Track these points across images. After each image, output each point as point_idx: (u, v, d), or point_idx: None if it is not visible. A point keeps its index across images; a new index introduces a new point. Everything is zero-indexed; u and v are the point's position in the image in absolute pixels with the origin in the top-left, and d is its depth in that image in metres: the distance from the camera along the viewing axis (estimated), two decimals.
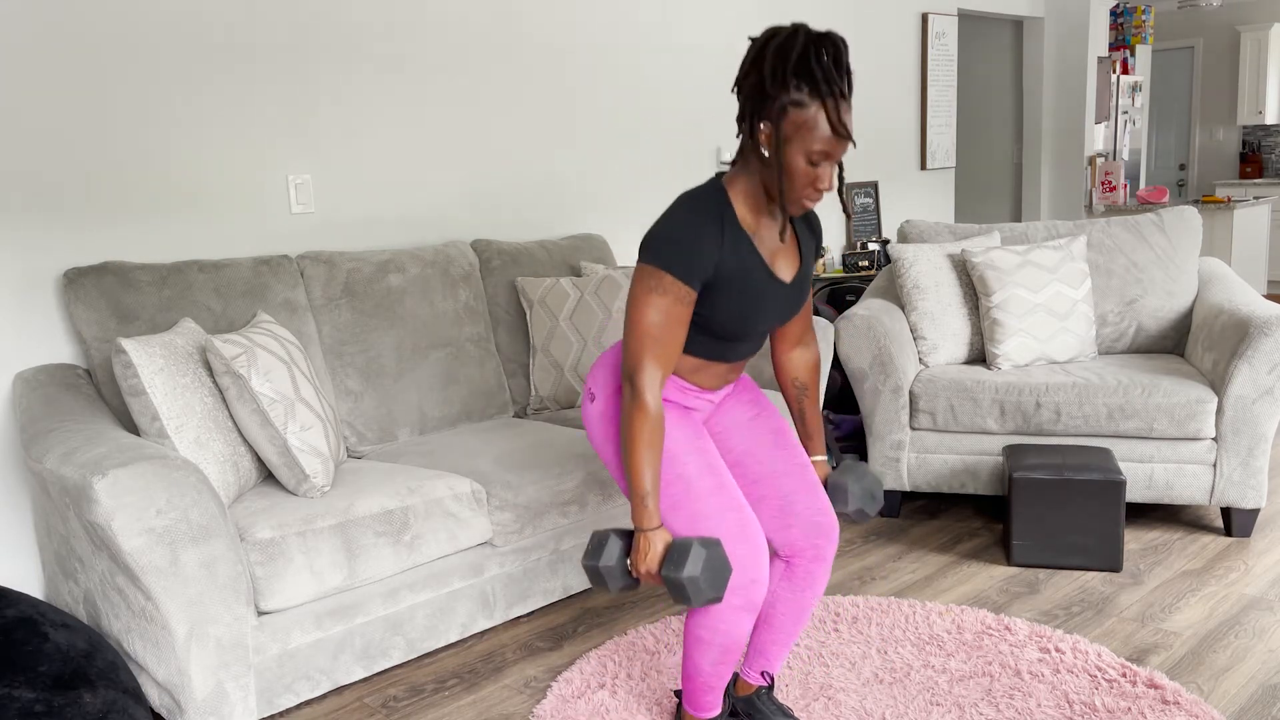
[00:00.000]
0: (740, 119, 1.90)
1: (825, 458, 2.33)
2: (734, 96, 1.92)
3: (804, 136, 1.82)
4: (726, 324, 1.98)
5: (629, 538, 1.99)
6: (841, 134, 1.82)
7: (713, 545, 1.88)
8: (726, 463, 2.19)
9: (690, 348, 2.03)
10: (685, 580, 1.84)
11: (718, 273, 1.92)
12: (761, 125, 1.85)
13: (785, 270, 2.04)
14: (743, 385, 2.25)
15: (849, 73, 1.83)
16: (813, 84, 1.79)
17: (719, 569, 1.86)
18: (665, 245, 1.88)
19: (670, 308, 1.89)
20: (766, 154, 1.86)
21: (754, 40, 1.89)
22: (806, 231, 2.11)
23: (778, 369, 2.28)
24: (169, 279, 2.90)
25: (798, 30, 1.82)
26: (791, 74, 1.79)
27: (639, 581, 1.98)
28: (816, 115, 1.80)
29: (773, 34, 1.84)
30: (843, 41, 1.83)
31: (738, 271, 1.93)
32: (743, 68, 1.88)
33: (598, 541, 1.98)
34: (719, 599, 1.88)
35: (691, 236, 1.88)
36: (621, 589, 1.97)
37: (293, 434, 2.54)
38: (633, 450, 1.91)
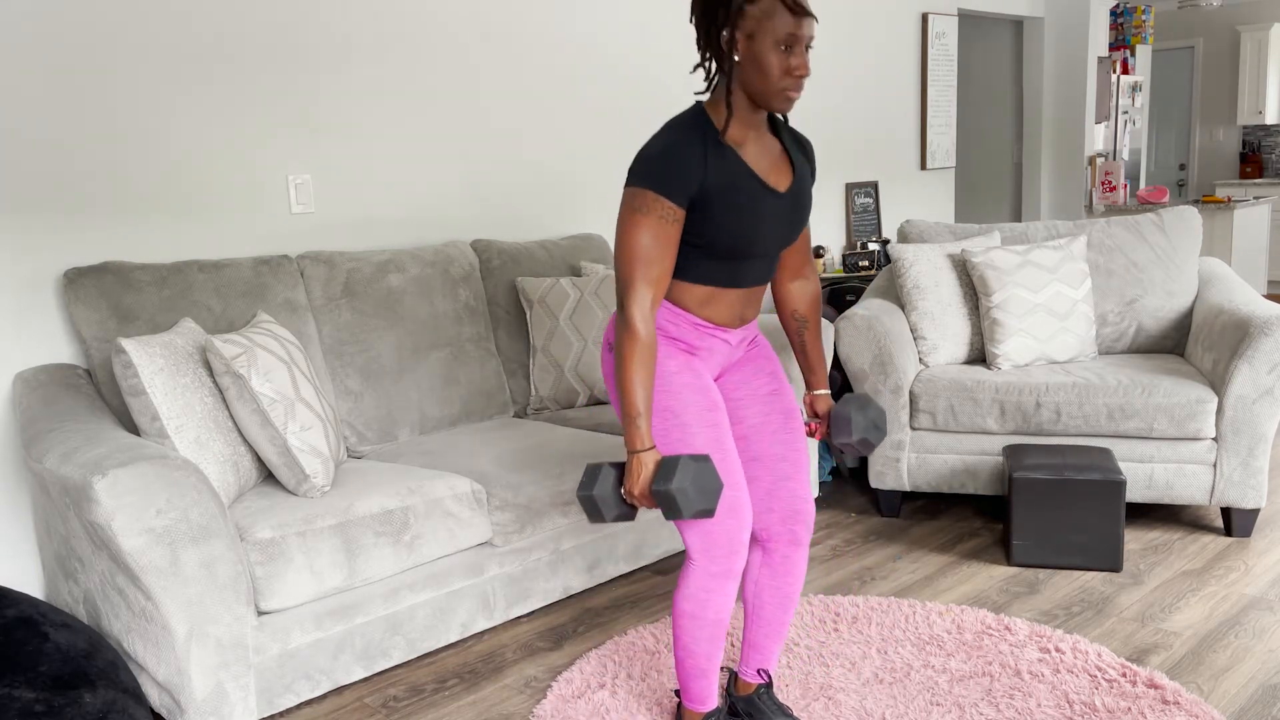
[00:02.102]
0: (702, 46, 1.95)
1: (827, 391, 2.34)
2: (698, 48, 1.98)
3: (766, 27, 1.87)
4: (726, 240, 1.97)
5: (622, 468, 1.98)
6: (800, 11, 1.87)
7: (702, 459, 1.86)
8: (735, 434, 2.18)
9: (697, 274, 2.01)
10: (674, 491, 1.83)
11: (705, 187, 1.92)
12: (724, 34, 1.90)
13: (779, 181, 2.04)
14: (765, 354, 2.22)
15: None
16: None
17: (709, 481, 1.85)
18: (646, 164, 1.90)
19: (656, 227, 1.90)
20: (739, 58, 1.91)
21: None
22: (798, 150, 2.12)
23: (778, 302, 2.29)
24: (169, 279, 2.90)
25: None
26: None
27: (635, 510, 1.98)
28: (772, 3, 1.86)
29: None
30: None
31: (727, 183, 1.94)
32: (693, 1, 1.95)
33: (591, 472, 1.96)
34: (711, 512, 1.87)
35: (672, 153, 1.90)
36: (616, 518, 1.96)
37: (293, 434, 2.54)
38: (624, 371, 1.91)
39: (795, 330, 2.30)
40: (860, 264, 5.21)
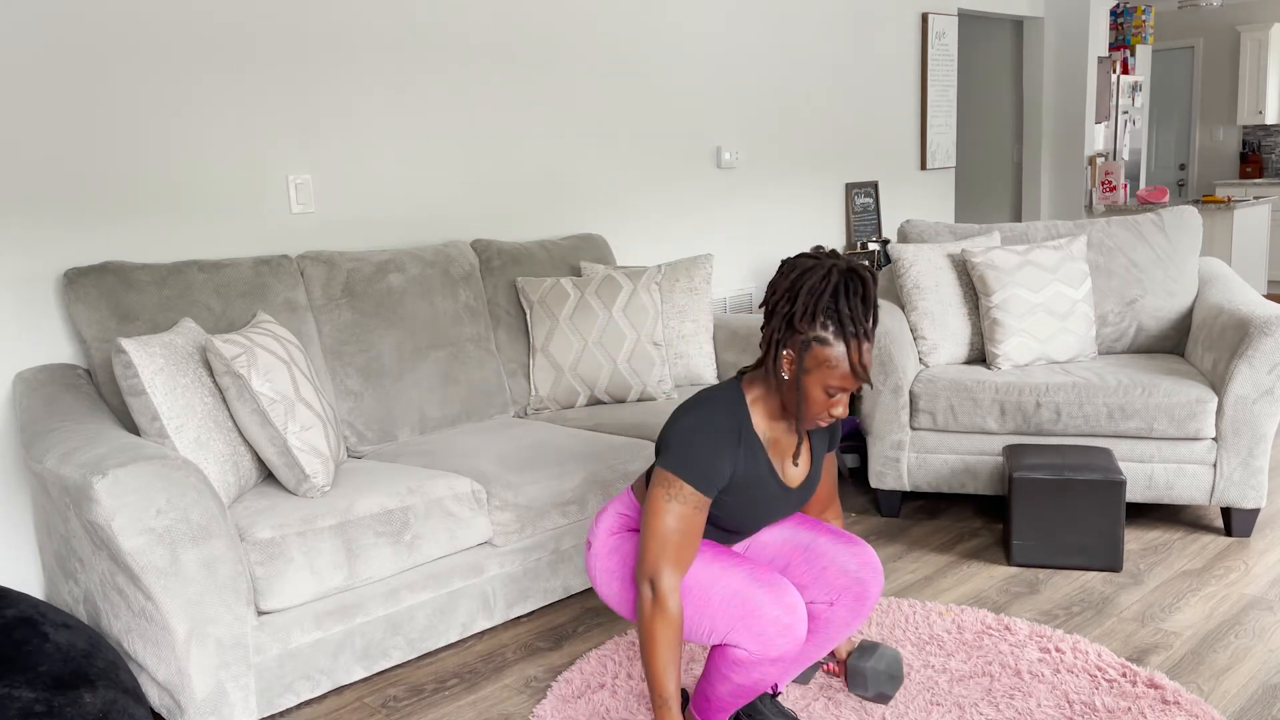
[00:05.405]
0: (765, 337, 1.97)
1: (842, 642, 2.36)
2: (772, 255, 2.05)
3: (824, 371, 1.89)
4: (731, 523, 2.05)
5: None
6: (860, 375, 1.89)
7: None
8: (771, 555, 2.25)
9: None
10: None
11: (731, 480, 1.98)
12: (785, 351, 1.92)
13: (795, 477, 2.10)
14: None
15: (875, 308, 1.91)
16: (839, 325, 1.87)
17: None
18: (684, 454, 1.93)
19: (689, 515, 1.93)
20: (786, 378, 1.94)
21: (786, 264, 1.95)
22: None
23: None
24: (169, 279, 2.90)
25: (832, 268, 1.89)
26: (821, 313, 1.87)
27: None
28: (839, 354, 1.88)
29: (808, 266, 1.91)
30: (872, 277, 1.90)
31: (751, 480, 2.00)
32: (775, 293, 1.94)
33: None
34: None
35: (710, 448, 1.93)
36: None
37: (293, 434, 2.54)
38: (652, 655, 1.92)
39: None
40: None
